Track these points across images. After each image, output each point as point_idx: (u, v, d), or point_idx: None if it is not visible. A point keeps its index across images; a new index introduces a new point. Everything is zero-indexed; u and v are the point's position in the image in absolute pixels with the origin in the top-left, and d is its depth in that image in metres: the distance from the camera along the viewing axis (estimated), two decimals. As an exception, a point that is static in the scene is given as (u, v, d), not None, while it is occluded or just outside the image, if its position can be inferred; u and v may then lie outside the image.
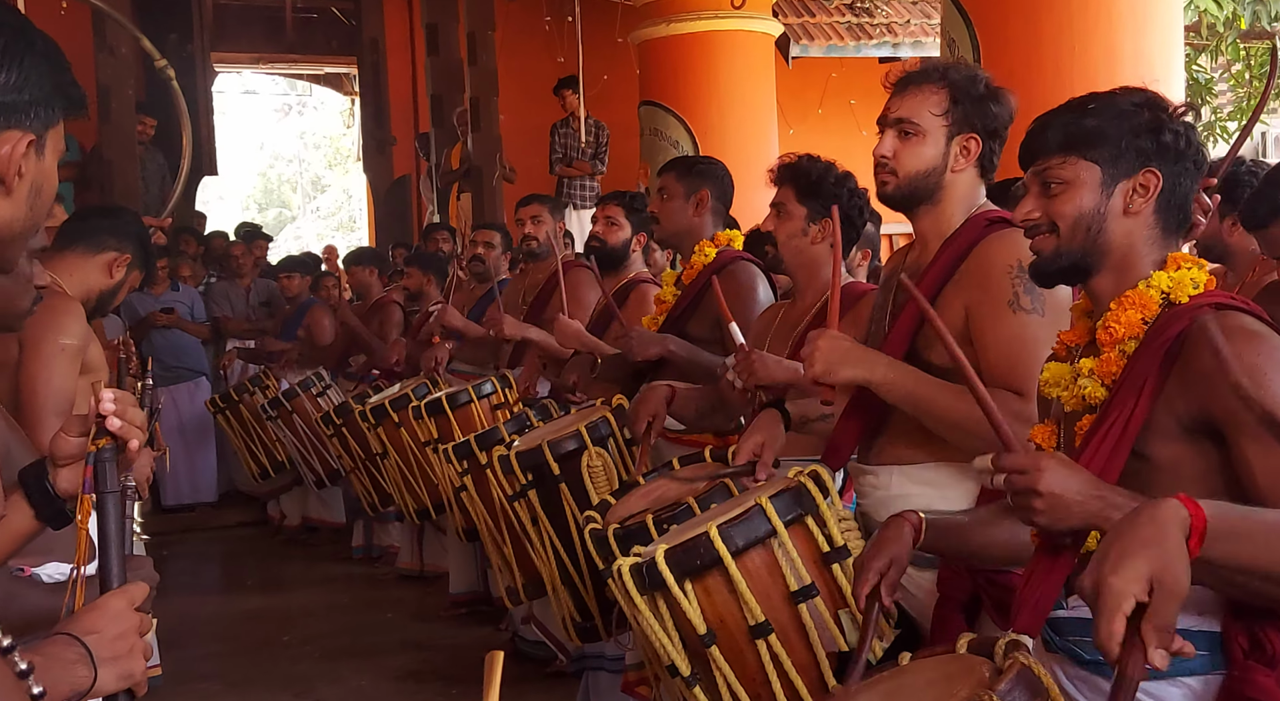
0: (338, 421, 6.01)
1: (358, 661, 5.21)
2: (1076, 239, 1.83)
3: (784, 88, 9.31)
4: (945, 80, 2.34)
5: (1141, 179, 1.80)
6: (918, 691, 1.67)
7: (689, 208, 3.72)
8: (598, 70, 9.95)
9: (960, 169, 2.35)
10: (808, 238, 2.98)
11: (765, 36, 8.61)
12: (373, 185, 12.99)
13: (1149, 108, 1.82)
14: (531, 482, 3.23)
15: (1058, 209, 1.83)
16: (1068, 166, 1.82)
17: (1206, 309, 1.73)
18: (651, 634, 2.08)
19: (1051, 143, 1.83)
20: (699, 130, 8.08)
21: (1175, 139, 1.80)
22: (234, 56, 13.99)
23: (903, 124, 2.36)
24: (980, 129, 2.34)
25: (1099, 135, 1.80)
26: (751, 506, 2.08)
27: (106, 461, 1.51)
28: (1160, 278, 1.80)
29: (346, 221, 27.93)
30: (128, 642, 1.36)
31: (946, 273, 2.33)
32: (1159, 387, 1.73)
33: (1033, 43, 4.74)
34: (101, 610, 1.37)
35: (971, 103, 2.33)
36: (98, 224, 3.10)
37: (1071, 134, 1.82)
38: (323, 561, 7.17)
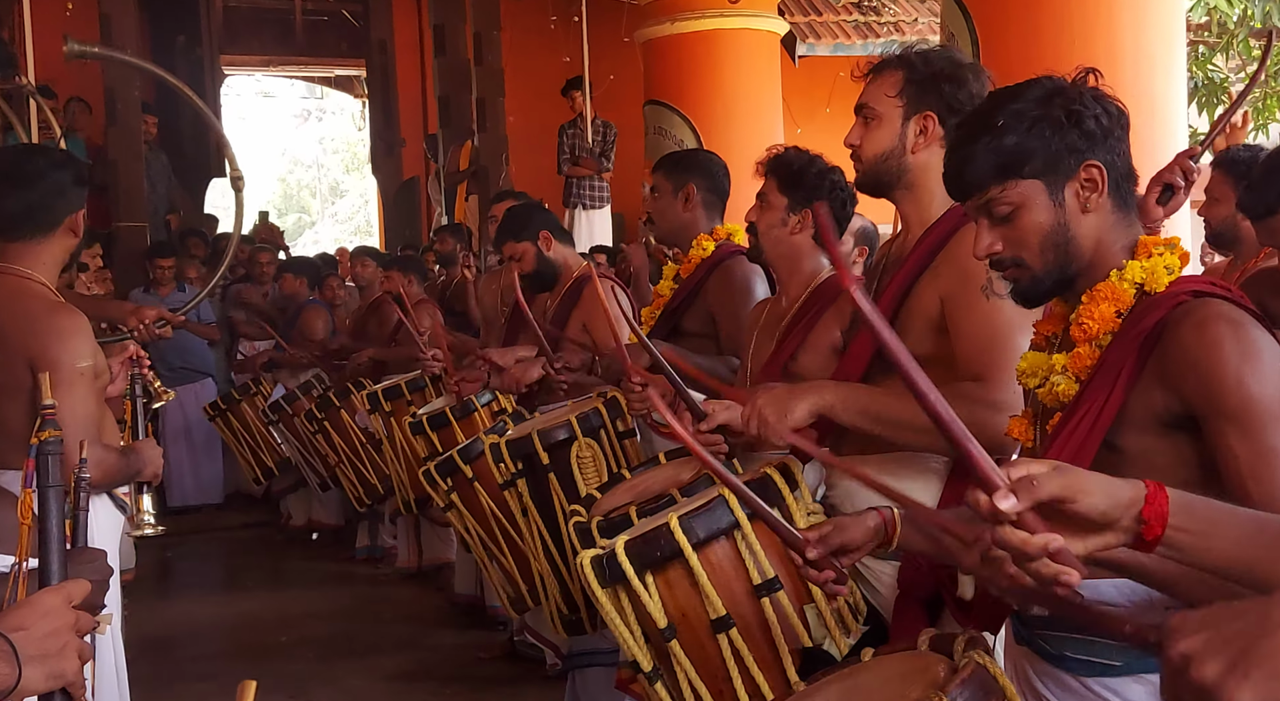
0: (320, 416, 6.00)
1: (353, 662, 5.18)
2: (1049, 259, 1.74)
3: (791, 87, 9.26)
4: (902, 62, 2.31)
5: (1085, 174, 1.72)
6: (873, 690, 1.63)
7: (678, 203, 3.69)
8: (604, 70, 9.93)
9: (920, 149, 2.30)
10: (787, 228, 2.94)
11: (771, 35, 8.57)
12: (382, 187, 13.01)
13: (1058, 99, 1.73)
14: (521, 471, 3.22)
15: (1019, 236, 1.74)
16: (1009, 192, 1.72)
17: (1185, 297, 1.68)
18: (614, 627, 2.03)
19: (981, 173, 1.74)
20: (704, 129, 8.04)
21: (1097, 121, 1.72)
22: (244, 59, 14.04)
23: (864, 110, 2.35)
24: (936, 107, 2.29)
25: (1024, 151, 1.71)
26: (714, 497, 2.04)
27: (49, 454, 1.47)
28: (1133, 268, 1.73)
29: (364, 225, 28.06)
30: (59, 640, 1.31)
31: (924, 262, 2.28)
32: (1134, 378, 1.67)
33: (1032, 39, 4.68)
34: (32, 606, 1.32)
35: (923, 82, 2.28)
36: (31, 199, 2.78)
37: (997, 159, 1.72)
38: (324, 562, 7.16)
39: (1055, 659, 1.75)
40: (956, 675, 1.44)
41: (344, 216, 30.64)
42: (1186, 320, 1.63)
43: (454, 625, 5.61)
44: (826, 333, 2.81)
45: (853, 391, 2.23)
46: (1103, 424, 1.68)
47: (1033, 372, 1.85)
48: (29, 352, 2.65)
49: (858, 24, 10.54)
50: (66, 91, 9.51)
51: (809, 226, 2.90)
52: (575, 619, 3.32)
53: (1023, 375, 1.87)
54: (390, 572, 6.66)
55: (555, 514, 3.21)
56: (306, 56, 14.04)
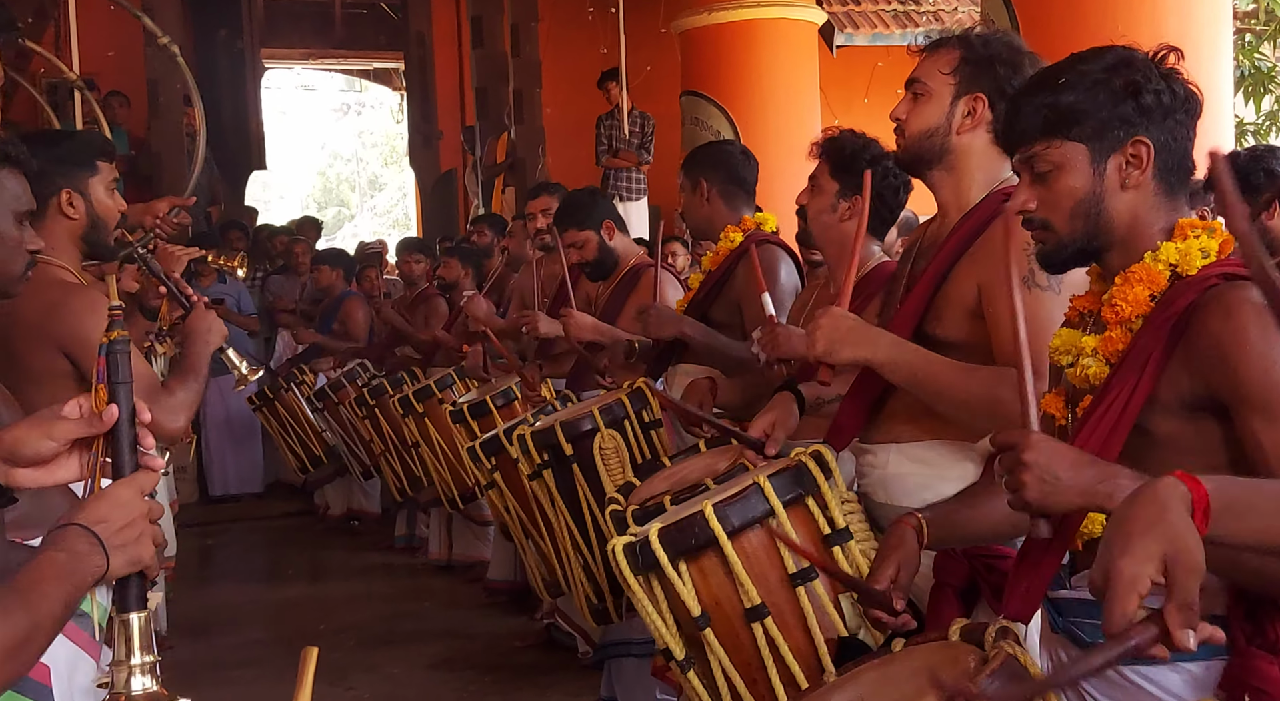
0: (371, 402, 6.04)
1: (392, 650, 5.23)
2: (1076, 227, 1.73)
3: (829, 77, 9.21)
4: (960, 41, 2.28)
5: (1131, 149, 1.70)
6: (902, 681, 1.63)
7: (697, 199, 3.69)
8: (641, 61, 9.91)
9: (966, 130, 2.27)
10: (836, 214, 2.90)
11: (809, 25, 8.52)
12: (420, 179, 13.08)
13: (1123, 69, 1.71)
14: (547, 462, 3.24)
15: (1052, 198, 1.73)
16: (1051, 150, 1.72)
17: (1215, 280, 1.65)
18: (646, 616, 2.04)
19: (1030, 127, 1.73)
20: (741, 120, 8.02)
21: (1158, 97, 1.69)
22: (284, 52, 14.15)
23: (915, 85, 2.31)
24: (988, 90, 2.25)
25: (1077, 112, 1.70)
26: (749, 485, 2.04)
27: (119, 352, 1.51)
28: (1168, 249, 1.70)
29: (402, 218, 28.23)
30: (136, 529, 1.39)
31: (961, 247, 2.25)
32: (1164, 362, 1.65)
33: (1074, 27, 4.64)
34: (110, 499, 1.40)
35: (979, 63, 2.24)
36: None
37: (1049, 115, 1.72)
38: (364, 551, 7.23)
39: (1091, 647, 1.73)
40: (987, 665, 1.43)
41: (382, 209, 30.84)
42: (1214, 305, 1.60)
43: (492, 614, 5.65)
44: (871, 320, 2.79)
45: (909, 355, 2.19)
46: (1133, 409, 1.66)
47: (1066, 350, 1.82)
48: (57, 336, 2.64)
49: (896, 13, 10.45)
50: (109, 85, 9.63)
51: (856, 211, 2.89)
52: (602, 607, 3.35)
53: (1055, 353, 1.85)
54: (427, 562, 6.70)
55: (580, 504, 3.24)
56: (345, 49, 14.14)
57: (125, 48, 9.38)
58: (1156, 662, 1.64)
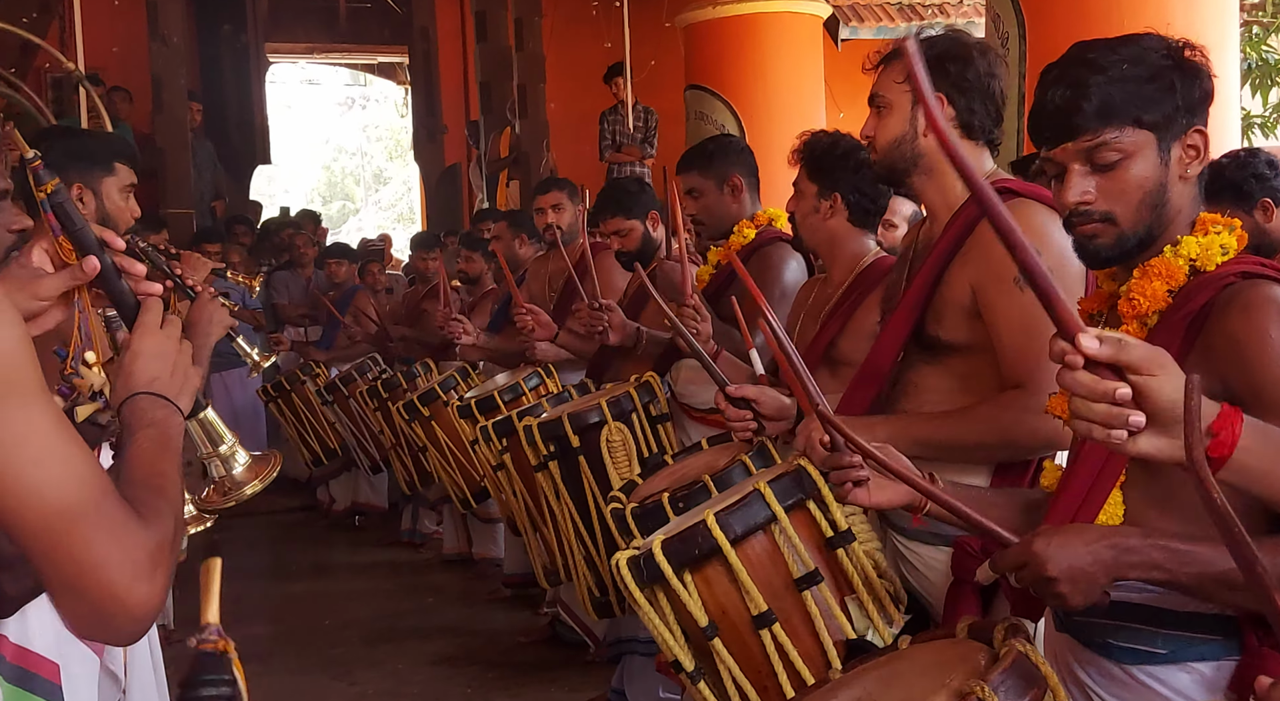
0: (384, 395, 6.03)
1: (396, 645, 5.23)
2: (1143, 218, 1.65)
3: (834, 70, 9.18)
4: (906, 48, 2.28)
5: (1190, 139, 1.65)
6: (911, 678, 1.61)
7: (725, 197, 3.64)
8: (645, 55, 9.89)
9: (929, 133, 2.27)
10: (819, 214, 2.91)
11: (813, 18, 8.50)
12: (424, 174, 13.07)
13: (1176, 55, 1.65)
14: (553, 454, 3.24)
15: (1118, 187, 1.64)
16: (1123, 138, 1.62)
17: (1234, 278, 1.63)
18: (653, 628, 2.02)
19: (1093, 112, 1.63)
20: (745, 114, 8.00)
21: (1207, 89, 1.65)
22: (288, 47, 14.14)
23: (876, 100, 2.34)
24: (944, 88, 2.25)
25: (1147, 98, 1.62)
26: (750, 492, 2.02)
27: (60, 202, 1.46)
28: (1189, 244, 1.66)
29: (406, 212, 28.24)
30: (182, 368, 1.43)
31: (953, 247, 2.25)
32: (1180, 360, 1.62)
33: (1079, 19, 4.61)
34: (146, 355, 1.41)
35: (929, 63, 2.22)
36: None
37: (1119, 101, 1.62)
38: (369, 546, 7.22)
39: (1098, 647, 1.72)
40: (998, 663, 1.42)
41: (387, 203, 30.85)
42: (1233, 304, 1.58)
43: (496, 609, 5.65)
44: (869, 318, 2.78)
45: (902, 426, 2.23)
46: None
47: None
48: None
49: (901, 6, 10.41)
50: (113, 80, 9.64)
51: (841, 210, 2.88)
52: (605, 600, 3.35)
53: None
54: (433, 557, 6.70)
55: (585, 497, 3.24)
56: (350, 44, 14.12)
57: (129, 43, 9.39)
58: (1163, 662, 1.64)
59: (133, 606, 1.16)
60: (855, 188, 2.85)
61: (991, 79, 2.30)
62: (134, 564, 1.16)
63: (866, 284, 2.88)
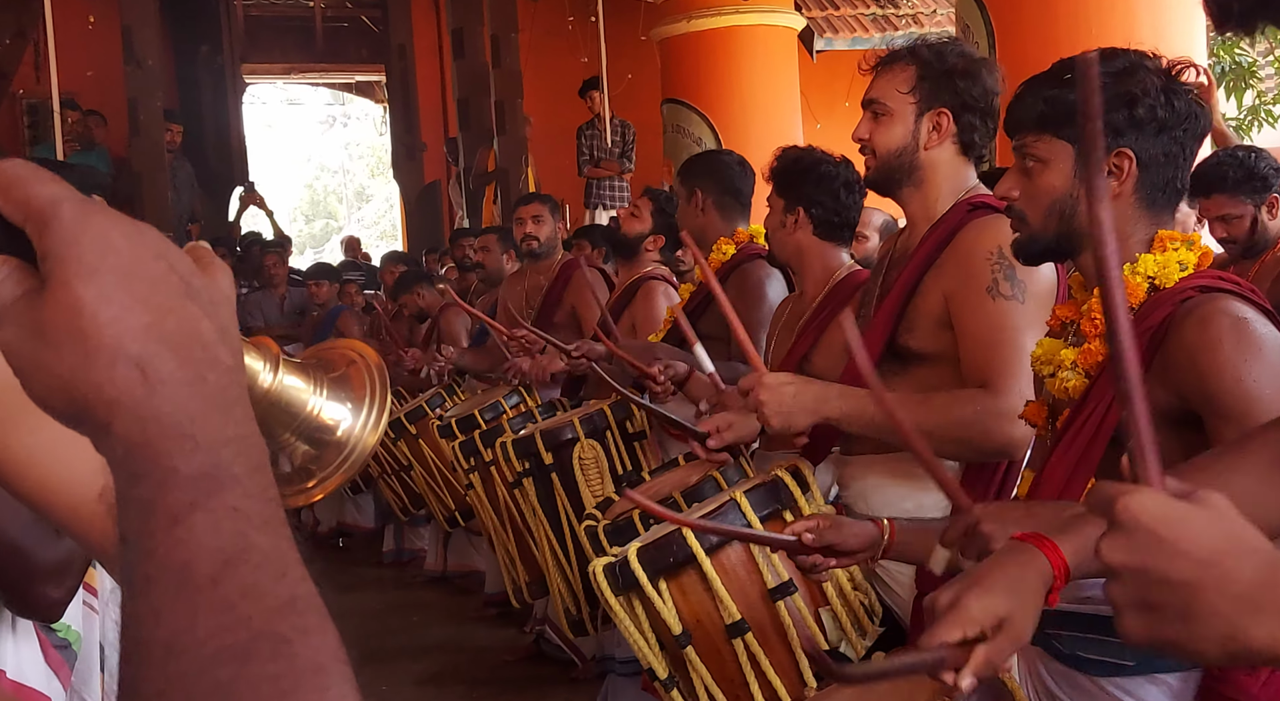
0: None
1: (380, 666, 5.20)
2: (1050, 224, 1.74)
3: (809, 81, 9.23)
4: (914, 57, 2.29)
5: (1114, 160, 1.68)
6: (882, 695, 1.62)
7: (692, 208, 3.68)
8: (622, 69, 9.92)
9: (933, 145, 2.29)
10: (786, 229, 2.94)
11: (788, 30, 8.54)
12: (404, 192, 13.07)
13: (1125, 76, 1.68)
14: (527, 471, 3.26)
15: (1030, 191, 1.75)
16: (1042, 144, 1.73)
17: (1191, 292, 1.65)
18: (629, 636, 2.04)
19: (1028, 117, 1.74)
20: (722, 126, 8.02)
21: (1153, 111, 1.67)
22: (265, 67, 14.13)
23: (874, 105, 2.33)
24: (951, 104, 2.27)
25: (1068, 110, 1.68)
26: (726, 501, 2.04)
27: None
28: (1146, 262, 1.70)
29: (389, 229, 28.25)
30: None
31: (930, 258, 2.27)
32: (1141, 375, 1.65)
33: (1048, 27, 4.65)
34: None
35: (938, 78, 2.26)
36: None
37: (1044, 109, 1.71)
38: (354, 566, 7.19)
39: (1068, 658, 1.74)
40: None
41: (370, 221, 30.86)
42: (1189, 318, 1.60)
43: (482, 627, 5.63)
44: (841, 332, 2.79)
45: (860, 401, 2.19)
46: (1110, 421, 1.67)
47: (1047, 360, 1.82)
48: None
49: (875, 17, 10.48)
50: (88, 104, 9.62)
51: (806, 224, 2.90)
52: (579, 618, 3.36)
53: (1037, 362, 1.85)
54: (419, 575, 6.69)
55: (559, 514, 3.26)
56: (327, 63, 14.12)
57: (104, 67, 9.37)
58: (1132, 673, 1.65)
59: None
60: (817, 201, 2.87)
61: (995, 97, 2.32)
62: None
63: (840, 298, 2.90)
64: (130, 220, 0.56)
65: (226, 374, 0.54)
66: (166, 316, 0.53)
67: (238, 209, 11.07)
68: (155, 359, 0.52)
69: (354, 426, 0.89)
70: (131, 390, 0.51)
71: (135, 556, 0.52)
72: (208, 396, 0.53)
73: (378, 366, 0.90)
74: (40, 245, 0.53)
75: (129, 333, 0.51)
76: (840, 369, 2.55)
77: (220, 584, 0.51)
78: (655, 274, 4.33)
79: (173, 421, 0.52)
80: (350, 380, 0.90)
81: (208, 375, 0.53)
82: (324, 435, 0.88)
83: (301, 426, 0.87)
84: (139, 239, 0.54)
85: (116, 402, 0.51)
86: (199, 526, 0.51)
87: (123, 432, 0.51)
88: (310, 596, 0.56)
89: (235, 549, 0.52)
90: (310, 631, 0.54)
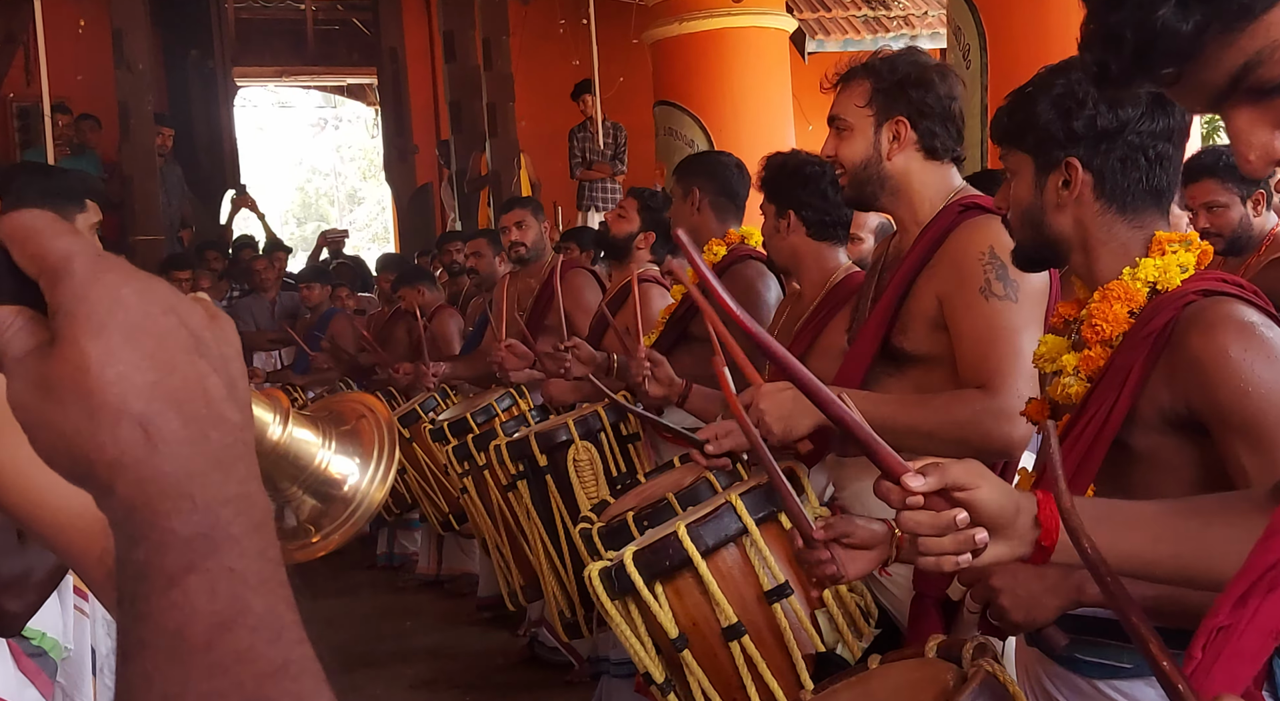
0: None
1: (374, 670, 5.19)
2: (1026, 234, 1.78)
3: (802, 83, 9.22)
4: (867, 72, 2.33)
5: (1064, 171, 1.70)
6: (881, 698, 1.62)
7: (687, 207, 3.69)
8: (614, 72, 9.92)
9: (896, 154, 2.31)
10: (780, 234, 2.95)
11: (779, 32, 8.55)
12: (396, 194, 13.05)
13: (1073, 87, 1.69)
14: (521, 474, 3.26)
15: (1011, 200, 1.79)
16: (1008, 157, 1.78)
17: (1194, 296, 1.64)
18: (624, 639, 2.03)
19: (997, 131, 1.80)
20: (714, 128, 8.03)
21: (1092, 122, 1.66)
22: (257, 71, 14.10)
23: (836, 121, 2.37)
24: (907, 112, 2.30)
25: (1024, 125, 1.73)
26: (722, 504, 2.03)
27: None
28: (1146, 266, 1.68)
29: (381, 232, 28.22)
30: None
31: (922, 260, 2.28)
32: (1143, 380, 1.64)
33: (1039, 31, 4.66)
34: None
35: (890, 89, 2.30)
36: None
37: (1006, 123, 1.77)
38: (347, 570, 7.16)
39: (1066, 661, 1.73)
40: (967, 683, 1.42)
41: (362, 223, 30.81)
42: (1194, 324, 1.59)
43: (476, 631, 5.62)
44: (836, 336, 2.80)
45: (860, 403, 2.20)
46: (1112, 425, 1.66)
47: (1050, 358, 1.81)
48: None
49: (867, 19, 10.49)
50: (79, 108, 9.58)
51: (798, 227, 2.92)
52: (574, 621, 3.35)
53: (1040, 360, 1.85)
54: (411, 579, 6.67)
55: (553, 517, 3.26)
56: (319, 66, 14.09)
57: (95, 71, 9.35)
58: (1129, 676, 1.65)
59: None
60: (805, 203, 2.88)
61: (952, 101, 2.34)
62: None
63: (837, 300, 2.89)
64: (142, 275, 0.56)
65: (231, 431, 0.54)
66: (172, 373, 0.53)
67: (229, 212, 11.06)
68: (158, 417, 0.52)
69: (361, 481, 0.89)
70: (134, 450, 0.51)
71: (130, 620, 0.52)
72: (210, 455, 0.53)
73: (388, 423, 0.91)
74: (52, 299, 0.53)
75: (133, 391, 0.52)
76: (835, 371, 2.55)
77: (213, 648, 0.51)
78: (648, 276, 4.33)
79: (173, 481, 0.51)
80: (360, 434, 0.91)
81: (211, 433, 0.53)
82: (331, 489, 0.89)
83: (309, 480, 0.87)
84: (149, 294, 0.54)
85: (119, 463, 0.51)
86: (194, 589, 0.51)
87: (124, 494, 0.51)
88: (306, 660, 0.55)
89: (230, 612, 0.52)
90: (304, 696, 0.53)
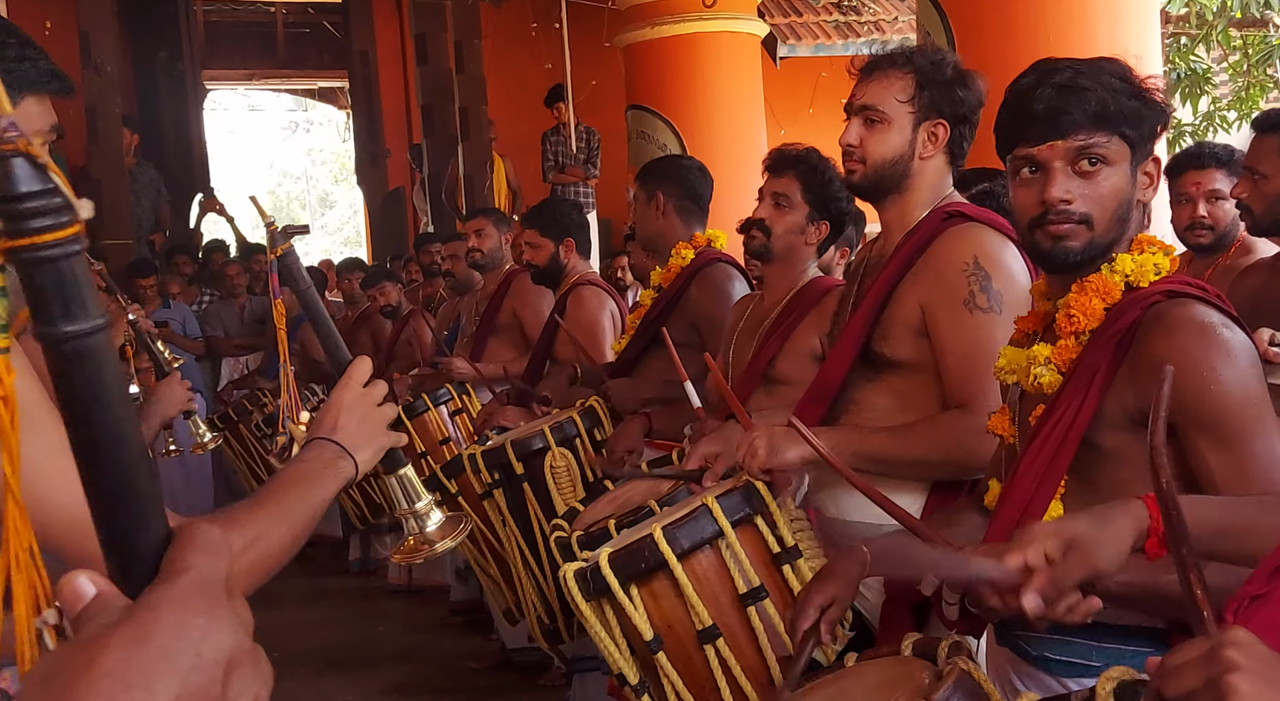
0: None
1: (346, 676, 5.17)
2: (1112, 229, 1.69)
3: (773, 88, 9.26)
4: (911, 65, 2.27)
5: (1150, 165, 1.71)
6: (857, 696, 1.63)
7: (651, 211, 3.69)
8: (586, 76, 9.92)
9: (928, 155, 2.29)
10: (804, 236, 2.92)
11: (751, 37, 8.55)
12: (368, 198, 13.00)
13: (1146, 85, 1.71)
14: (498, 482, 3.24)
15: (1097, 193, 1.66)
16: (1111, 144, 1.65)
17: (1158, 297, 1.66)
18: (599, 641, 2.03)
19: (1088, 114, 1.64)
20: (686, 132, 8.03)
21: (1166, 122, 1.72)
22: (226, 73, 14.00)
23: (868, 111, 2.29)
24: (948, 115, 2.27)
25: (1134, 113, 1.66)
26: (698, 507, 2.03)
27: (291, 264, 1.66)
28: (1123, 261, 1.70)
29: (353, 235, 28.07)
30: (371, 424, 1.50)
31: (905, 266, 2.27)
32: (1109, 378, 1.66)
33: (1007, 34, 4.69)
34: (338, 406, 1.51)
35: (938, 88, 2.26)
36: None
37: (1113, 108, 1.65)
38: (320, 576, 7.12)
39: (1035, 659, 1.75)
40: (941, 681, 1.44)
41: (334, 227, 30.64)
42: (1156, 325, 1.61)
43: (448, 636, 5.60)
44: (806, 339, 2.81)
45: (844, 437, 2.21)
46: (1080, 424, 1.68)
47: (1010, 369, 1.83)
48: None
49: (838, 24, 10.54)
50: (47, 110, 9.46)
51: (822, 237, 2.91)
52: (554, 627, 3.35)
53: (1000, 372, 1.86)
54: (383, 584, 6.64)
55: (531, 524, 3.24)
56: (289, 69, 14.01)
57: (62, 72, 9.23)
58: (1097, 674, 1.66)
59: None
60: (840, 218, 2.90)
61: (980, 107, 2.32)
62: None
63: (804, 303, 2.90)
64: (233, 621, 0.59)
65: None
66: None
67: (197, 216, 10.97)
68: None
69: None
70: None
71: None
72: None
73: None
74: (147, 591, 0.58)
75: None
76: (807, 376, 2.55)
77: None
78: (582, 280, 4.38)
79: None
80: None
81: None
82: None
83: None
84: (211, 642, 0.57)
85: None
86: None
87: None
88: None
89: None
90: None
